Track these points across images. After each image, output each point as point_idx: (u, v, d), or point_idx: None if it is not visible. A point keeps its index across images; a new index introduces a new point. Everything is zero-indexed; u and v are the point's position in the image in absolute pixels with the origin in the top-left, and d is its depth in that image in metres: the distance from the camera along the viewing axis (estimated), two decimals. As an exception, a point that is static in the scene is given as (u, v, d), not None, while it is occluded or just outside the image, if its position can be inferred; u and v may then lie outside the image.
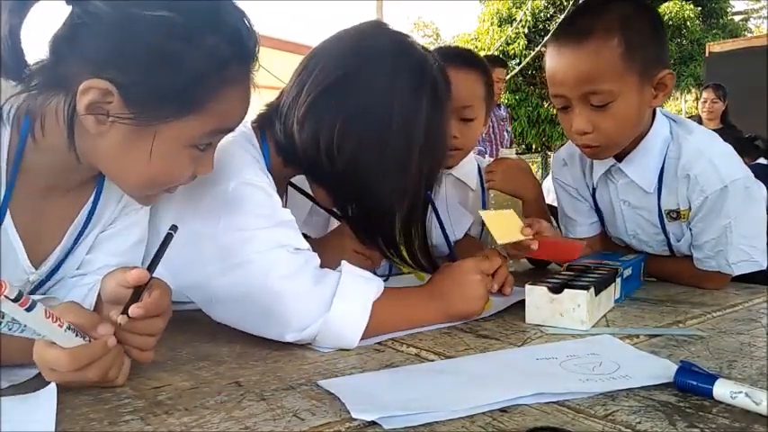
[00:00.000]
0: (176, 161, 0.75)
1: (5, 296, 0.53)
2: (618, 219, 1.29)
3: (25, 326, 0.57)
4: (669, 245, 1.25)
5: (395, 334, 0.87)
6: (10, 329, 0.57)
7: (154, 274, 0.68)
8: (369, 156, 0.90)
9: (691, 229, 1.19)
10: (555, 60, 1.13)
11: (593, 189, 1.31)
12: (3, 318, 0.56)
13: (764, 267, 1.16)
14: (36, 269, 0.81)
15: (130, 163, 0.73)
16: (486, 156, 3.80)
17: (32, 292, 0.84)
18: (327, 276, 0.85)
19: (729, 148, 1.19)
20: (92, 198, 0.85)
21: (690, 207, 1.16)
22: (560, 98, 1.14)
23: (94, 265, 0.88)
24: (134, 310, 0.65)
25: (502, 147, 4.21)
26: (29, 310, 0.55)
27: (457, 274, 0.96)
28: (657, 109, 1.20)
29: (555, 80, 1.13)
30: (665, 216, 1.20)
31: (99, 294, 0.76)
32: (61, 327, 0.59)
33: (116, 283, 0.69)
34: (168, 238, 0.70)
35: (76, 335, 0.61)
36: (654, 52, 1.10)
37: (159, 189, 0.80)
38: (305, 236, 0.91)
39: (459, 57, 1.48)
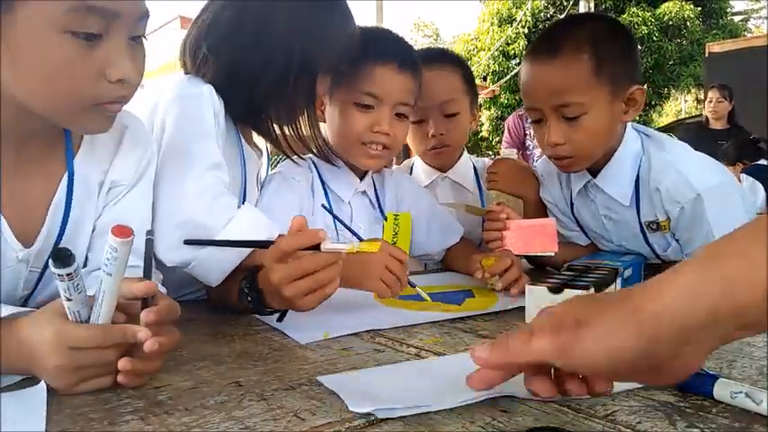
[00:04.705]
0: None
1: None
2: (603, 232, 1.31)
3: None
4: (656, 254, 1.27)
5: (395, 334, 0.87)
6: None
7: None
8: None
9: (678, 240, 1.20)
10: (528, 74, 1.18)
11: (572, 204, 1.32)
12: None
13: None
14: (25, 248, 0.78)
15: None
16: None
17: (37, 285, 0.82)
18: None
19: (703, 157, 1.21)
20: (65, 174, 0.82)
21: (668, 218, 1.18)
22: (534, 111, 1.18)
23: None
24: (147, 314, 0.63)
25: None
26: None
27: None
28: (630, 124, 1.22)
29: (529, 93, 1.18)
30: (645, 228, 1.22)
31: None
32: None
33: (118, 296, 0.66)
34: (149, 243, 0.67)
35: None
36: (624, 68, 1.14)
37: None
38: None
39: (433, 55, 1.48)
